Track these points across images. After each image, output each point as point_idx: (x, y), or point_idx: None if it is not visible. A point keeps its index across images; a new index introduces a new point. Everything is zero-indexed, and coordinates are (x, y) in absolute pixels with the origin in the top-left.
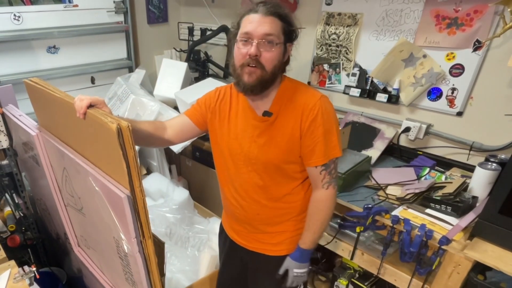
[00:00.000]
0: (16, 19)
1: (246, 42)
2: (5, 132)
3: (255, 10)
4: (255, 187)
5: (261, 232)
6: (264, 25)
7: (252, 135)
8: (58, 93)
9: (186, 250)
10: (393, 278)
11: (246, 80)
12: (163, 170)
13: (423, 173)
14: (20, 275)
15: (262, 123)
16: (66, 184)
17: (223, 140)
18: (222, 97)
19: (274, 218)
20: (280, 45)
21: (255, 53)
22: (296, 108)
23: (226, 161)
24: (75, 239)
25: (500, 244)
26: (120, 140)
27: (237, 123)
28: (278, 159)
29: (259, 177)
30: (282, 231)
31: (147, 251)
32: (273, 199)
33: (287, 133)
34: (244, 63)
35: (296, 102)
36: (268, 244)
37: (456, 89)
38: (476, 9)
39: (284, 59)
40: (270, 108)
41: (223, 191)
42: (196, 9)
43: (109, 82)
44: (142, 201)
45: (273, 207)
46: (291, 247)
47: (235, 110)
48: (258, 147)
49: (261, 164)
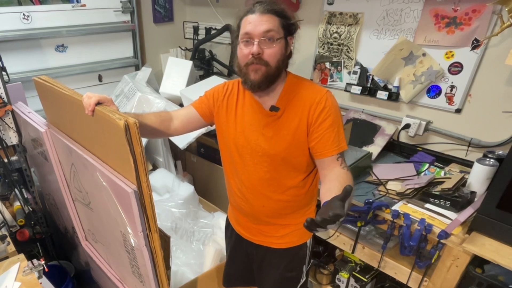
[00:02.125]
0: (25, 18)
1: (247, 42)
2: (15, 129)
3: (252, 11)
4: (261, 180)
5: (265, 225)
6: (263, 24)
7: (259, 128)
8: (67, 90)
9: (191, 244)
10: (393, 271)
11: (252, 77)
12: (168, 165)
13: (422, 168)
14: (29, 268)
15: (269, 117)
16: (74, 179)
17: (229, 134)
18: (230, 92)
19: (279, 210)
20: (281, 40)
21: (257, 51)
22: (303, 103)
23: (233, 154)
24: (82, 233)
25: (498, 238)
26: (128, 136)
27: (244, 117)
28: (285, 151)
29: (265, 170)
30: (286, 224)
31: (153, 245)
32: (278, 192)
33: (293, 126)
34: (248, 63)
35: (303, 96)
36: (272, 237)
37: (455, 86)
38: (474, 9)
39: (287, 53)
40: (277, 103)
41: (229, 184)
42: (201, 8)
43: (116, 80)
44: (148, 195)
45: (278, 199)
46: (296, 239)
47: (241, 104)
48: (265, 140)
49: (268, 157)
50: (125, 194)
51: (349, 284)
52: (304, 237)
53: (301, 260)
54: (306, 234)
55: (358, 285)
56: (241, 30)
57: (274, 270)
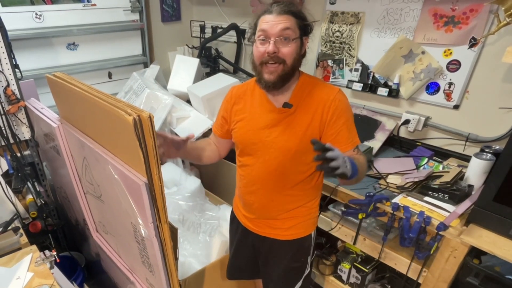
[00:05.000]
0: (38, 17)
1: (264, 41)
2: (27, 124)
3: (269, 11)
4: (271, 175)
5: (272, 219)
6: (280, 23)
7: (271, 125)
8: (81, 86)
9: (198, 235)
10: (393, 262)
11: (267, 78)
12: (176, 160)
13: (421, 163)
14: (41, 259)
15: (281, 114)
16: (86, 172)
17: (242, 132)
18: (236, 97)
19: (286, 205)
20: (297, 40)
21: (273, 50)
22: (316, 101)
23: (245, 151)
24: (93, 225)
25: (495, 230)
26: (137, 131)
27: (255, 115)
28: (296, 147)
29: (275, 165)
30: (293, 217)
31: (163, 235)
32: (287, 187)
33: (306, 123)
34: (263, 61)
35: (316, 95)
36: (279, 229)
37: (453, 83)
38: (472, 8)
39: (302, 52)
40: (290, 100)
41: (240, 179)
42: (208, 8)
43: (125, 77)
44: (159, 187)
45: (286, 194)
46: (302, 231)
47: (250, 103)
48: (276, 136)
49: (279, 152)
50: (136, 186)
51: (350, 275)
52: (309, 228)
53: (306, 251)
54: (311, 226)
55: (359, 275)
56: (258, 28)
57: (280, 261)
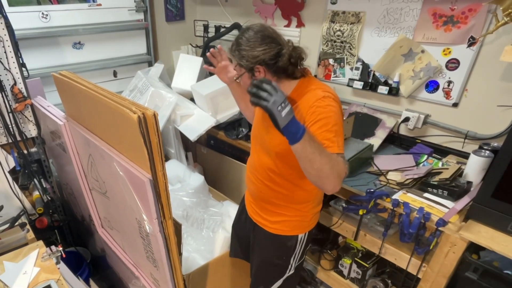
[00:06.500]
0: (44, 17)
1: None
2: (34, 122)
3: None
4: (261, 169)
5: (261, 207)
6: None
7: (267, 125)
8: (86, 84)
9: (201, 231)
10: (394, 258)
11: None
12: (180, 157)
13: (421, 160)
14: (47, 254)
15: None
16: (92, 169)
17: (254, 122)
18: None
19: (271, 198)
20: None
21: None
22: (303, 106)
23: (252, 142)
24: (99, 220)
25: (493, 226)
26: (142, 129)
27: (259, 114)
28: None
29: (264, 161)
30: (280, 213)
31: (167, 231)
32: (274, 183)
33: None
34: None
35: (304, 100)
36: (267, 220)
37: (452, 82)
38: (470, 8)
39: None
40: None
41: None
42: (211, 7)
43: (130, 76)
44: (164, 184)
45: (273, 189)
46: (287, 229)
47: None
48: (266, 135)
49: (265, 150)
50: (141, 183)
51: (351, 270)
52: (295, 230)
53: (288, 250)
54: (298, 228)
55: (360, 270)
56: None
57: (261, 251)
